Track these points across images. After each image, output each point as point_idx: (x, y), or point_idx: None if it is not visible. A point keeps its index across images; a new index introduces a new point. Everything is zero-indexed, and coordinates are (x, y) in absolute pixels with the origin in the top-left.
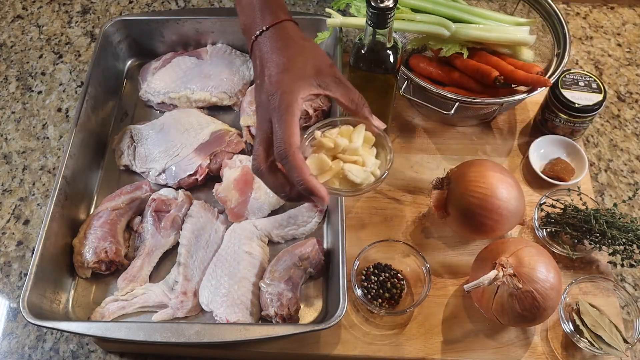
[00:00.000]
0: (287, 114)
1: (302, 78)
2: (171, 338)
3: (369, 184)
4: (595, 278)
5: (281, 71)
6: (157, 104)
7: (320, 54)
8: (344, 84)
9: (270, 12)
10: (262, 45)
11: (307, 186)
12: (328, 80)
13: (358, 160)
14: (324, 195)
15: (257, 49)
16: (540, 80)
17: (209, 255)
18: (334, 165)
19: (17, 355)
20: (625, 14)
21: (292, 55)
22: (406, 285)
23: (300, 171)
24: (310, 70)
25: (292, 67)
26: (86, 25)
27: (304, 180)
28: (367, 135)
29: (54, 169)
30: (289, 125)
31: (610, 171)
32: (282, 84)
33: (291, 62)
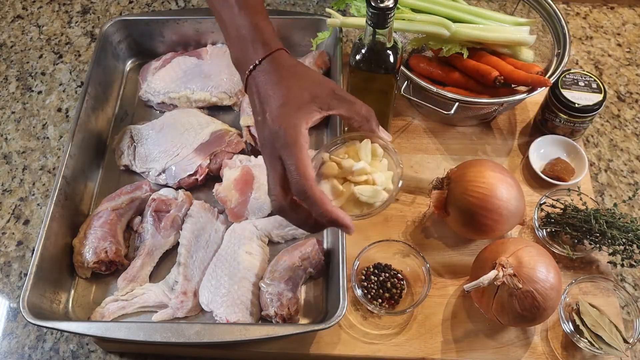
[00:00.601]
0: (295, 149)
1: (301, 108)
2: (171, 338)
3: (383, 201)
4: (595, 278)
5: (280, 105)
6: (157, 104)
7: (314, 76)
8: (346, 99)
9: (262, 43)
10: (258, 79)
11: (331, 217)
12: (328, 100)
13: (368, 179)
14: (349, 224)
15: (252, 83)
16: (540, 80)
17: (209, 255)
18: (345, 190)
19: (17, 355)
20: (625, 14)
21: (288, 86)
22: (406, 285)
23: (321, 204)
24: (307, 96)
25: (290, 99)
26: (86, 25)
27: (326, 212)
28: (375, 149)
29: (54, 169)
30: (300, 160)
31: (610, 171)
32: (284, 118)
33: (288, 93)
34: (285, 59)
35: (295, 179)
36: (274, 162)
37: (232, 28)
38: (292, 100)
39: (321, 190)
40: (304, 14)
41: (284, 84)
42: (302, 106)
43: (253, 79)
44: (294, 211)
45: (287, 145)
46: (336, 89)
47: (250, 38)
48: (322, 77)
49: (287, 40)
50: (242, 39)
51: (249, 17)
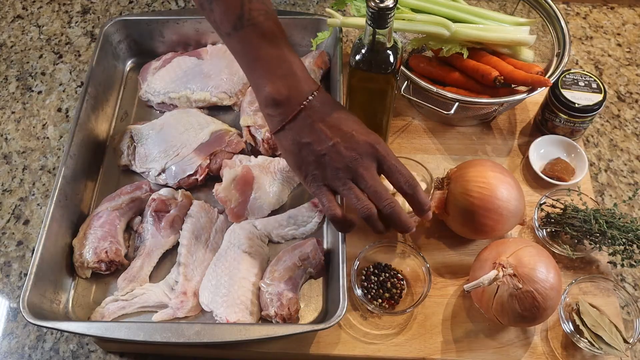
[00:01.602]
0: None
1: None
2: (171, 338)
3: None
4: (595, 278)
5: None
6: (157, 104)
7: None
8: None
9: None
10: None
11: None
12: None
13: None
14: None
15: (311, 112)
16: (540, 80)
17: (209, 255)
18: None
19: (17, 355)
20: (625, 14)
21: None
22: (406, 285)
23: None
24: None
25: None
26: (86, 25)
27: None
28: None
29: (54, 169)
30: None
31: (610, 171)
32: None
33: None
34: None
35: (405, 175)
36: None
37: (276, 66)
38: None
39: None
40: (304, 14)
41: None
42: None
43: (311, 108)
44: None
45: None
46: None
47: (304, 74)
48: None
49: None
50: (294, 75)
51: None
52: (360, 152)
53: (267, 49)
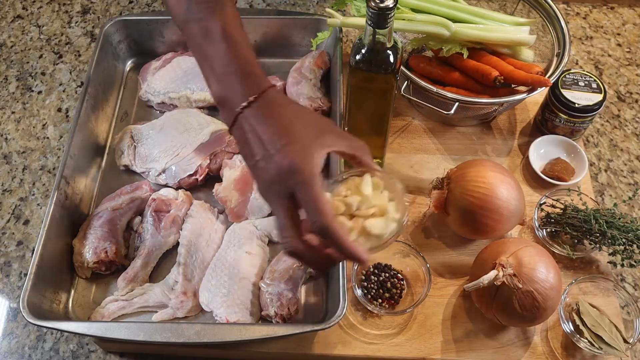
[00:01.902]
0: (313, 184)
1: (311, 143)
2: (171, 338)
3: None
4: (595, 278)
5: (287, 142)
6: (157, 104)
7: (313, 114)
8: (345, 135)
9: (254, 80)
10: (251, 118)
11: (351, 252)
12: (331, 137)
13: (375, 212)
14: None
15: (244, 123)
16: (541, 80)
17: (209, 255)
18: (354, 224)
19: (17, 355)
20: (625, 14)
21: (290, 122)
22: (406, 285)
23: (343, 239)
24: (313, 133)
25: (297, 135)
26: (86, 25)
27: (347, 247)
28: (375, 182)
29: (54, 169)
30: (318, 195)
31: (610, 171)
32: (295, 154)
33: (293, 130)
34: (280, 97)
35: (317, 215)
36: (284, 201)
37: (217, 64)
38: (300, 137)
39: (340, 225)
40: (304, 14)
41: (286, 122)
42: (311, 142)
43: (244, 119)
44: (310, 250)
45: (304, 181)
46: (334, 126)
47: (240, 76)
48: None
49: (287, 40)
50: (230, 77)
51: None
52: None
53: (210, 45)
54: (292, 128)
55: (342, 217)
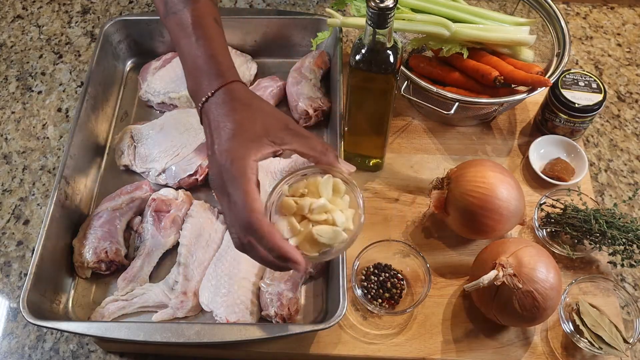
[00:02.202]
0: (242, 181)
1: (252, 140)
2: (171, 338)
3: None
4: (595, 278)
5: (229, 138)
6: (157, 104)
7: (269, 110)
8: (299, 133)
9: (217, 74)
10: (210, 112)
11: (280, 252)
12: (282, 135)
13: (328, 219)
14: (299, 260)
15: (205, 116)
16: (540, 80)
17: (209, 255)
18: (303, 228)
19: (17, 355)
20: (625, 14)
21: (240, 119)
22: (406, 285)
23: (270, 237)
24: (259, 129)
25: (241, 132)
26: (86, 25)
27: (276, 247)
28: (337, 185)
29: (54, 169)
30: (246, 193)
31: (610, 171)
32: (232, 151)
33: (239, 127)
34: (239, 92)
35: (241, 212)
36: (224, 198)
37: (189, 58)
38: (243, 132)
39: (270, 224)
40: (304, 14)
41: (236, 117)
42: (254, 139)
43: (205, 112)
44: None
45: (234, 178)
46: (290, 124)
47: (205, 69)
48: (277, 111)
49: (287, 40)
50: (197, 69)
51: (205, 48)
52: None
53: (183, 39)
54: (239, 124)
55: (292, 219)
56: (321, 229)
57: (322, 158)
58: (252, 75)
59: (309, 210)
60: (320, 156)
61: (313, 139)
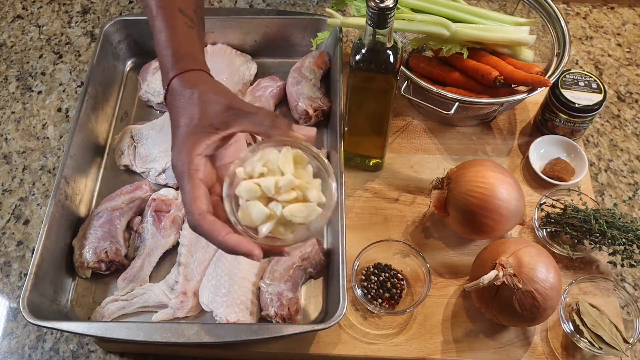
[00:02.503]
0: (184, 180)
1: (193, 132)
2: (171, 338)
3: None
4: (595, 278)
5: (175, 133)
6: (157, 104)
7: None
8: (244, 110)
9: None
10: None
11: (227, 247)
12: (224, 117)
13: (298, 195)
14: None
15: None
16: (541, 80)
17: (209, 255)
18: (272, 212)
19: (17, 355)
20: (625, 14)
21: (180, 112)
22: (406, 285)
23: (212, 235)
24: (199, 120)
25: (182, 124)
26: (86, 25)
27: (220, 243)
28: (297, 155)
29: (54, 169)
30: (188, 192)
31: (610, 171)
32: (175, 149)
33: (180, 120)
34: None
35: (187, 212)
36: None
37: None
38: (184, 125)
39: (212, 221)
40: (304, 14)
41: (177, 110)
42: (194, 131)
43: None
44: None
45: (178, 176)
46: (232, 103)
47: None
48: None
49: (287, 40)
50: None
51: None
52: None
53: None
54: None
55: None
56: (293, 209)
57: (273, 132)
58: (252, 75)
59: (275, 190)
60: (270, 130)
61: (259, 114)
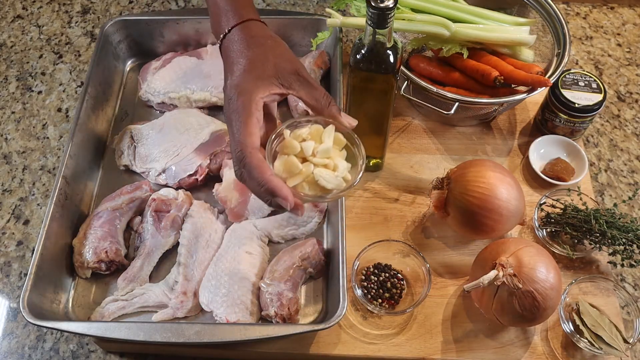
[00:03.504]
0: (244, 115)
1: (261, 78)
2: (171, 338)
3: (340, 190)
4: (595, 278)
5: (241, 73)
6: (157, 104)
7: (283, 52)
8: (308, 81)
9: (234, 13)
10: (227, 48)
11: (269, 186)
12: (291, 79)
13: (329, 164)
14: (287, 195)
15: (223, 52)
16: (540, 80)
17: (209, 255)
18: (304, 169)
19: (17, 355)
20: (625, 14)
21: (253, 55)
22: (406, 285)
23: (259, 170)
24: (270, 69)
25: (252, 68)
26: (86, 25)
27: (264, 180)
28: (337, 137)
29: (54, 169)
30: (245, 125)
31: (610, 171)
32: (240, 85)
33: (251, 63)
34: (256, 29)
35: (236, 143)
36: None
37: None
38: (254, 70)
39: (262, 159)
40: (304, 14)
41: (249, 53)
42: (263, 77)
43: (223, 48)
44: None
45: (237, 110)
46: (300, 70)
47: (224, 8)
48: (290, 55)
49: (287, 40)
50: (218, 8)
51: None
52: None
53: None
54: (252, 61)
55: (294, 158)
56: (323, 172)
57: (325, 110)
58: None
59: (313, 153)
60: (323, 108)
61: (320, 90)
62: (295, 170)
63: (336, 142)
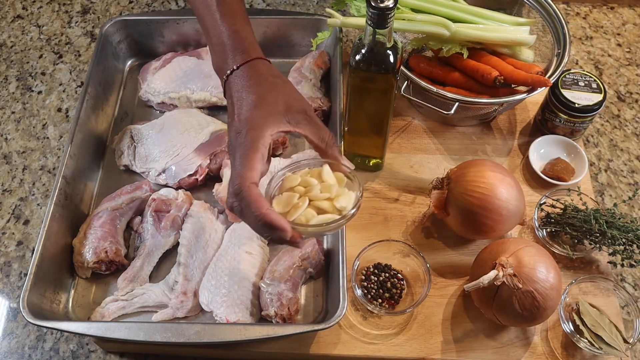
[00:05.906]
0: (250, 150)
1: (272, 114)
2: (171, 338)
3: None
4: (595, 278)
5: (251, 108)
6: (157, 104)
7: (291, 91)
8: (314, 121)
9: (241, 51)
10: (233, 84)
11: (266, 220)
12: (299, 118)
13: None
14: (285, 227)
15: (228, 88)
16: (540, 80)
17: (209, 255)
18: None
19: (17, 355)
20: (625, 14)
21: (263, 92)
22: (406, 285)
23: (257, 205)
24: (280, 106)
25: (262, 104)
26: (86, 25)
27: (262, 214)
28: (338, 176)
29: (54, 169)
30: (249, 159)
31: (610, 171)
32: (250, 120)
33: (261, 99)
34: (263, 67)
35: (236, 177)
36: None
37: (214, 35)
38: (264, 106)
39: (259, 194)
40: (304, 14)
41: (258, 90)
42: (273, 113)
43: (229, 84)
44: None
45: (244, 144)
46: (308, 109)
47: (230, 45)
48: (298, 94)
49: (287, 40)
50: (223, 46)
51: (229, 24)
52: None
53: (208, 15)
54: (262, 97)
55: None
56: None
57: (328, 151)
58: None
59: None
60: (327, 149)
61: (324, 130)
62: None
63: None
